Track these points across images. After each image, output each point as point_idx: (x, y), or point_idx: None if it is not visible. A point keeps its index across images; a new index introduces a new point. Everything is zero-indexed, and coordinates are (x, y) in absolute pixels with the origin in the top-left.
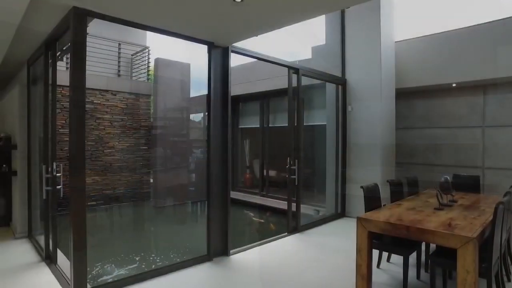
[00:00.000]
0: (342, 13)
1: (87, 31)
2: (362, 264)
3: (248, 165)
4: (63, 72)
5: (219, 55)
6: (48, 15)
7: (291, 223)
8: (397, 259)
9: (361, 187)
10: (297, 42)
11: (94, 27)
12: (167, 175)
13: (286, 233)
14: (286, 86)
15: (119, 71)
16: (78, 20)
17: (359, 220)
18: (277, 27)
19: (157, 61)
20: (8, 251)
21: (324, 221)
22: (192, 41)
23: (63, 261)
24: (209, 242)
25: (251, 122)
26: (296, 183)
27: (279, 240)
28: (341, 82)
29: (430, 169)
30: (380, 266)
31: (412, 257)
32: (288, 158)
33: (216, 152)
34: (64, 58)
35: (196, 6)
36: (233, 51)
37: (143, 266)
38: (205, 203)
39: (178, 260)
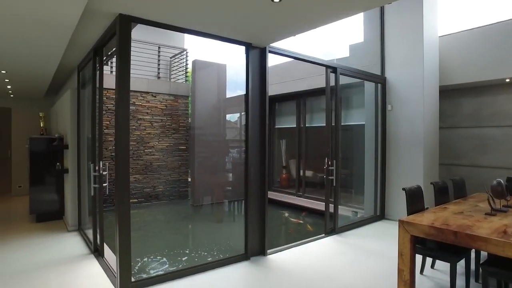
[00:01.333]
0: (382, 8)
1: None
2: (405, 269)
3: (284, 165)
4: (107, 75)
5: (257, 56)
6: (97, 23)
7: (328, 224)
8: (442, 265)
9: (403, 189)
10: (333, 40)
11: (136, 32)
12: (204, 175)
13: (323, 234)
14: (323, 86)
15: (158, 73)
16: (124, 26)
17: (401, 223)
18: (316, 26)
19: (194, 62)
20: (62, 243)
21: (362, 223)
22: (230, 42)
23: (109, 254)
24: (246, 241)
25: (287, 122)
26: (334, 184)
27: (316, 241)
28: (380, 81)
29: (478, 171)
30: (424, 273)
31: (460, 265)
32: (326, 159)
33: (254, 152)
34: (109, 63)
35: (234, 8)
36: (270, 51)
37: (183, 263)
38: (242, 203)
39: (217, 258)
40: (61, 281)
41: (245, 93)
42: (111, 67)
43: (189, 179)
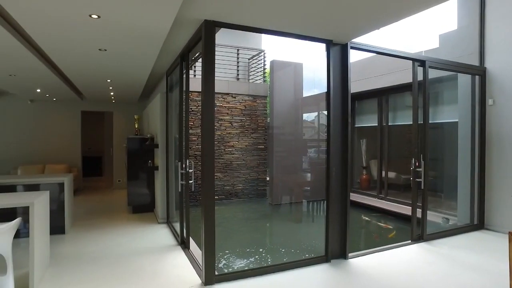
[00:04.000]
0: None
1: None
2: None
3: (365, 166)
4: (191, 79)
5: (338, 53)
6: (184, 30)
7: (415, 231)
8: None
9: None
10: (420, 31)
11: (216, 36)
12: (282, 174)
13: (409, 241)
14: (408, 81)
15: (238, 74)
16: (208, 31)
17: None
18: (403, 17)
19: (272, 63)
20: (153, 233)
21: (455, 231)
22: (309, 40)
23: (194, 247)
24: (327, 243)
25: (368, 120)
26: (422, 187)
27: (402, 248)
28: (479, 72)
29: None
30: None
31: None
32: (413, 159)
33: (335, 151)
34: (192, 67)
35: (316, 5)
36: (352, 47)
37: (262, 260)
38: (321, 203)
39: (296, 258)
40: (153, 268)
41: (326, 91)
42: (194, 71)
43: (268, 178)
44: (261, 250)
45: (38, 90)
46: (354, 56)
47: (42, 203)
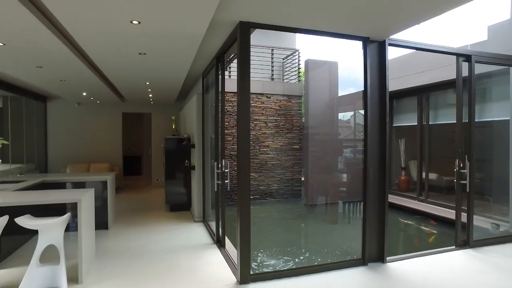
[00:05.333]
0: None
1: None
2: None
3: (403, 167)
4: (226, 80)
5: (375, 50)
6: (219, 32)
7: (460, 236)
8: None
9: None
10: (465, 24)
11: (251, 37)
12: (318, 174)
13: (453, 247)
14: (450, 77)
15: (272, 75)
16: (243, 32)
17: None
18: (448, 9)
19: (307, 62)
20: (190, 231)
21: (507, 239)
22: (345, 38)
23: (230, 246)
24: (364, 245)
25: (407, 119)
26: (467, 189)
27: (445, 253)
28: None
29: None
30: None
31: None
32: (457, 160)
33: (373, 152)
34: (227, 68)
35: (352, 2)
36: (390, 44)
37: (296, 261)
38: (357, 204)
39: (331, 260)
40: (190, 265)
41: (363, 90)
42: (229, 72)
43: (303, 178)
44: (296, 250)
45: (84, 94)
46: (392, 52)
47: (89, 200)
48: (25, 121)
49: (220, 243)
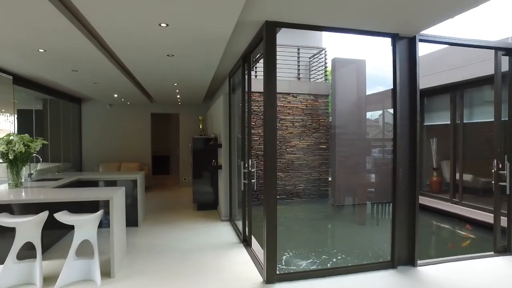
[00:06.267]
0: None
1: None
2: None
3: (435, 167)
4: (252, 80)
5: (405, 47)
6: (245, 33)
7: (499, 241)
8: None
9: None
10: (505, 15)
11: (277, 36)
12: (345, 174)
13: (492, 252)
14: (489, 73)
15: (298, 74)
16: (270, 32)
17: None
18: (485, 1)
19: (334, 60)
20: (217, 230)
21: None
22: (373, 35)
23: (256, 245)
24: (393, 248)
25: (439, 118)
26: (508, 192)
27: (483, 259)
28: None
29: None
30: None
31: None
32: (495, 160)
33: (402, 151)
34: (253, 68)
35: None
36: (421, 40)
37: (323, 262)
38: (386, 205)
39: (359, 262)
40: (216, 264)
41: (392, 88)
42: (255, 71)
43: (330, 179)
44: (322, 251)
45: (115, 95)
46: (423, 48)
47: (120, 198)
48: (62, 122)
49: (246, 242)
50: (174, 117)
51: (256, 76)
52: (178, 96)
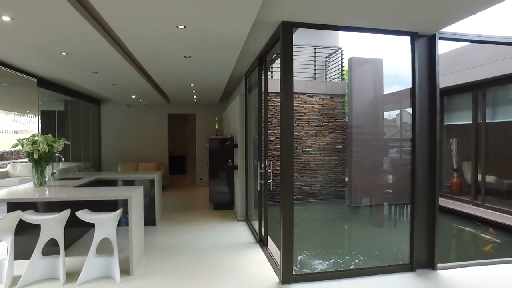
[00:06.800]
0: None
1: None
2: None
3: (456, 168)
4: (268, 80)
5: (424, 45)
6: (262, 33)
7: None
8: None
9: None
10: None
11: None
12: (362, 175)
13: None
14: None
15: (314, 74)
16: (286, 32)
17: None
18: None
19: (350, 60)
20: (233, 230)
21: None
22: (391, 34)
23: (272, 245)
24: (412, 250)
25: (460, 118)
26: None
27: (508, 264)
28: None
29: None
30: None
31: None
32: None
33: (421, 152)
34: (269, 68)
35: None
36: (441, 38)
37: (340, 263)
38: (404, 207)
39: (376, 264)
40: (232, 264)
41: (410, 87)
42: (271, 72)
43: (346, 179)
44: (339, 252)
45: (133, 96)
46: (442, 46)
47: (138, 197)
48: (82, 123)
49: (262, 243)
50: (191, 118)
51: (272, 76)
52: (195, 96)
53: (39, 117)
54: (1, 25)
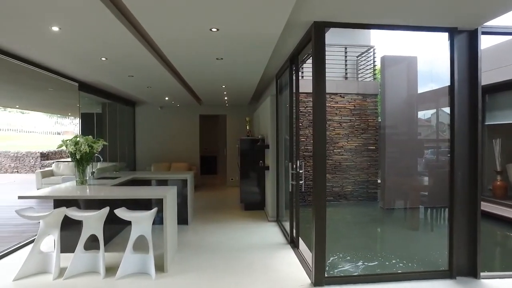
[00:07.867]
0: None
1: None
2: None
3: (499, 170)
4: (299, 80)
5: (465, 41)
6: (293, 34)
7: None
8: None
9: None
10: None
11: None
12: (396, 176)
13: None
14: None
15: (346, 73)
16: (318, 32)
17: None
18: None
19: (383, 59)
20: (264, 231)
21: None
22: (428, 31)
23: (303, 247)
24: (451, 256)
25: (504, 117)
26: None
27: None
28: None
29: None
30: None
31: None
32: None
33: (461, 153)
34: (300, 68)
35: None
36: (484, 33)
37: (372, 267)
38: (441, 210)
39: (412, 269)
40: (264, 264)
41: (448, 85)
42: (302, 72)
43: (379, 181)
44: (372, 256)
45: (166, 98)
46: (485, 41)
47: (172, 196)
48: (118, 124)
49: (293, 244)
50: (222, 118)
51: (302, 76)
52: (226, 97)
53: (80, 119)
54: (51, 35)
